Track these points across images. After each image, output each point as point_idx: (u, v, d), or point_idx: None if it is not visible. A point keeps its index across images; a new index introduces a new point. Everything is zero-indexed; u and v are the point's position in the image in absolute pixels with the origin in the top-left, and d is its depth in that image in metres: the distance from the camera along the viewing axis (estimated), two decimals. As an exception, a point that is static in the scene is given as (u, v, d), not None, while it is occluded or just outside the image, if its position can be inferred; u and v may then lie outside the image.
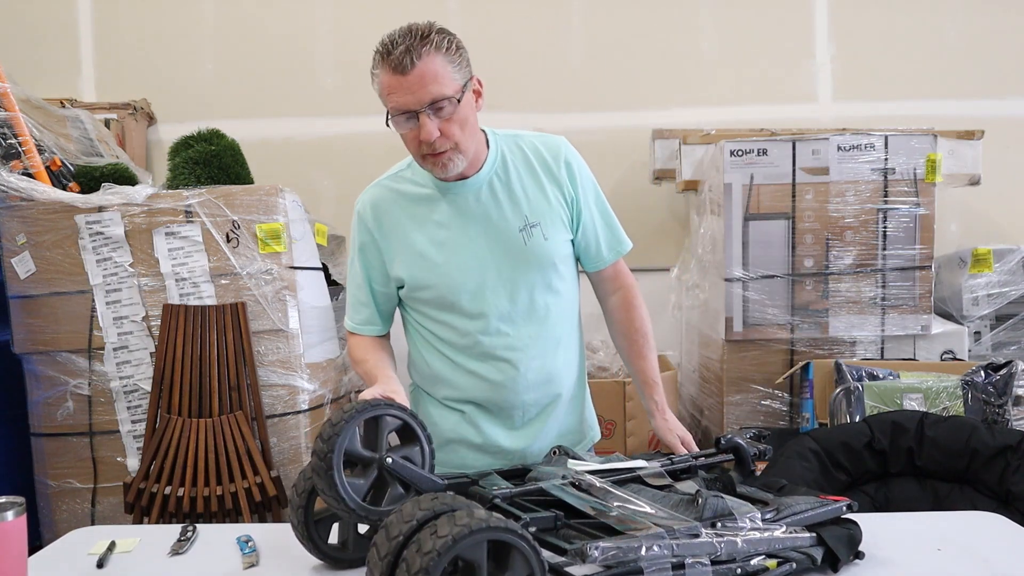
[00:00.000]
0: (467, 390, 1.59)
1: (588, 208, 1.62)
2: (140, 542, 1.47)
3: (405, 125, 1.41)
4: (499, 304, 1.54)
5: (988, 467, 1.98)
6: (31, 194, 2.35)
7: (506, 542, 0.98)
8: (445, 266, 1.52)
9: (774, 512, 1.27)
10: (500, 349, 1.55)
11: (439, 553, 0.92)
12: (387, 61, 1.37)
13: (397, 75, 1.37)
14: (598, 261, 1.67)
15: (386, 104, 1.42)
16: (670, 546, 1.12)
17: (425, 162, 1.46)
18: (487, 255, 1.53)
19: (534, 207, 1.55)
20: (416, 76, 1.36)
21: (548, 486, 1.27)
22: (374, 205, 1.57)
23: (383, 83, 1.40)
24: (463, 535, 0.93)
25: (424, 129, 1.39)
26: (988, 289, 2.86)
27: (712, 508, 1.22)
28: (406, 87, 1.37)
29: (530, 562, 1.00)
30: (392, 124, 1.43)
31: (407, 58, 1.35)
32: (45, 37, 3.59)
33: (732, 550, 1.16)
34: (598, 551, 1.07)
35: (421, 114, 1.38)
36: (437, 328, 1.58)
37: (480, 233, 1.53)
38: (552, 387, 1.60)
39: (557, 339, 1.60)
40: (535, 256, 1.54)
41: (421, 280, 1.54)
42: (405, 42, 1.36)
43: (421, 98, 1.37)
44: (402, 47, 1.35)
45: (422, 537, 0.94)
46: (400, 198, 1.56)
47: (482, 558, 0.96)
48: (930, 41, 3.54)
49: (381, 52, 1.39)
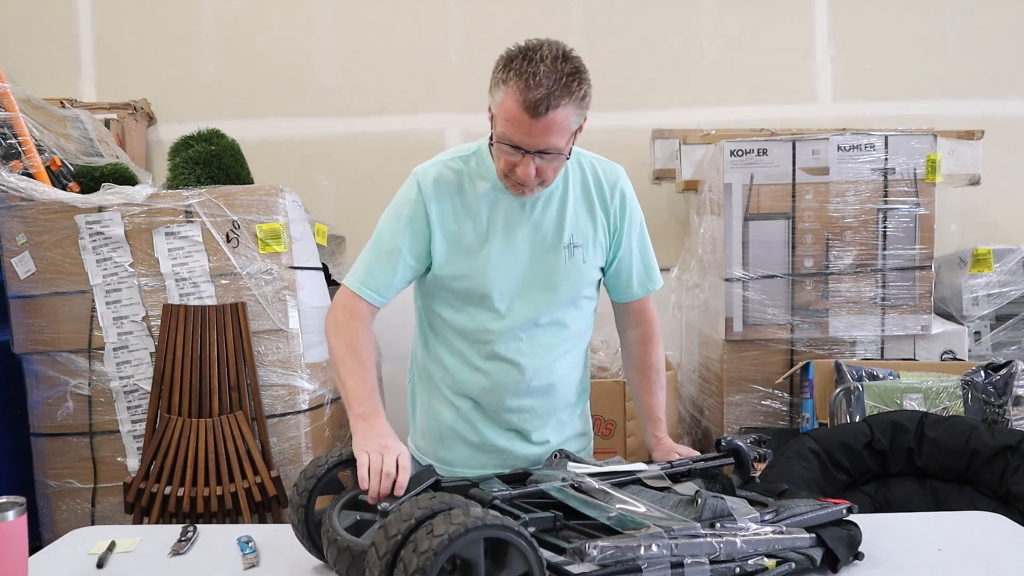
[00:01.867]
0: (470, 386, 1.59)
1: (630, 242, 1.64)
2: (140, 542, 1.47)
3: (508, 152, 1.39)
4: (525, 310, 1.55)
5: (988, 467, 1.98)
6: (31, 194, 2.35)
7: (503, 540, 0.98)
8: (486, 261, 1.52)
9: (773, 514, 1.27)
10: (512, 352, 1.56)
11: (435, 552, 0.92)
12: (524, 96, 1.32)
13: (526, 114, 1.33)
14: (626, 294, 1.69)
15: (497, 122, 1.39)
16: (669, 546, 1.12)
17: (507, 180, 1.45)
18: (527, 261, 1.54)
19: (580, 229, 1.57)
20: (542, 125, 1.34)
21: (548, 487, 1.27)
22: (436, 181, 1.53)
23: (508, 109, 1.35)
24: (459, 533, 0.93)
25: (524, 168, 1.39)
26: (988, 289, 2.86)
27: (711, 509, 1.22)
28: (529, 129, 1.34)
29: (528, 559, 1.00)
30: (495, 143, 1.41)
31: (543, 105, 1.32)
32: (45, 37, 3.59)
33: (731, 550, 1.17)
34: (597, 550, 1.07)
35: (527, 155, 1.38)
36: (457, 319, 1.57)
37: (526, 239, 1.54)
38: (552, 398, 1.62)
39: (566, 352, 1.62)
40: (571, 275, 1.56)
41: (459, 268, 1.53)
42: (547, 86, 1.31)
43: (536, 144, 1.37)
44: (543, 91, 1.31)
45: (419, 536, 0.94)
46: (461, 184, 1.54)
47: (479, 556, 0.96)
48: (930, 41, 3.54)
49: (519, 80, 1.32)
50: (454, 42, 3.58)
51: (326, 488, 1.33)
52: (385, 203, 1.66)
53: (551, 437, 1.64)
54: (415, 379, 1.72)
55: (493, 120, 1.41)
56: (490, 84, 1.39)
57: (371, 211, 4.09)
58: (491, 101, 1.40)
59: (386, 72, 3.59)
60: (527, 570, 1.00)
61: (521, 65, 1.32)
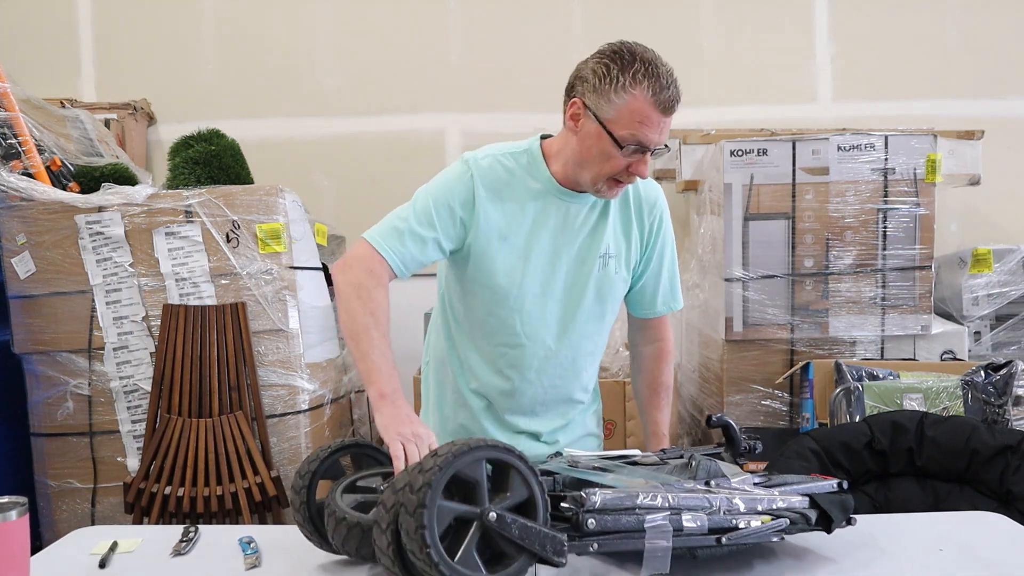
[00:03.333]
0: (489, 387, 1.59)
1: (661, 259, 1.66)
2: (142, 542, 1.47)
3: (630, 152, 1.41)
4: (554, 312, 1.56)
5: (988, 467, 1.98)
6: (31, 194, 2.35)
7: (505, 465, 1.00)
8: (524, 266, 1.52)
9: (765, 478, 1.28)
10: (534, 361, 1.57)
11: (440, 468, 0.94)
12: (657, 96, 1.37)
13: (659, 113, 1.38)
14: (648, 310, 1.70)
15: (621, 125, 1.39)
16: (666, 497, 1.14)
17: (606, 184, 1.46)
18: (563, 267, 1.55)
19: (617, 241, 1.59)
20: (669, 121, 1.41)
21: (546, 464, 1.30)
22: (489, 172, 1.52)
23: (639, 106, 1.38)
24: (462, 451, 0.96)
25: (643, 166, 1.43)
26: (988, 289, 2.86)
27: (705, 469, 1.24)
28: (660, 127, 1.40)
29: (529, 483, 1.01)
30: (614, 141, 1.41)
31: (676, 104, 1.39)
32: (45, 37, 3.59)
33: (727, 506, 1.18)
34: (596, 496, 1.08)
35: (647, 152, 1.42)
36: (485, 319, 1.56)
37: (566, 245, 1.54)
38: (569, 408, 1.64)
39: (585, 359, 1.63)
40: (604, 285, 1.58)
41: (495, 268, 1.52)
42: (674, 86, 1.39)
43: (661, 141, 1.42)
44: (674, 90, 1.38)
45: (423, 461, 0.97)
46: (511, 181, 1.53)
47: (481, 475, 0.98)
48: (930, 41, 3.54)
49: (652, 79, 1.37)
50: (454, 42, 3.58)
51: (327, 473, 1.33)
52: (385, 203, 1.64)
53: (561, 438, 1.65)
54: (430, 372, 1.71)
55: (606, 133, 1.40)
56: (596, 87, 1.40)
57: (371, 211, 4.08)
58: (605, 109, 1.40)
59: (386, 72, 3.59)
60: (529, 494, 1.01)
61: (646, 68, 1.37)
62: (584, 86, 1.42)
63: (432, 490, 0.92)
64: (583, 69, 1.44)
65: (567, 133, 1.49)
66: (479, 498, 0.99)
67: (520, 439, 1.61)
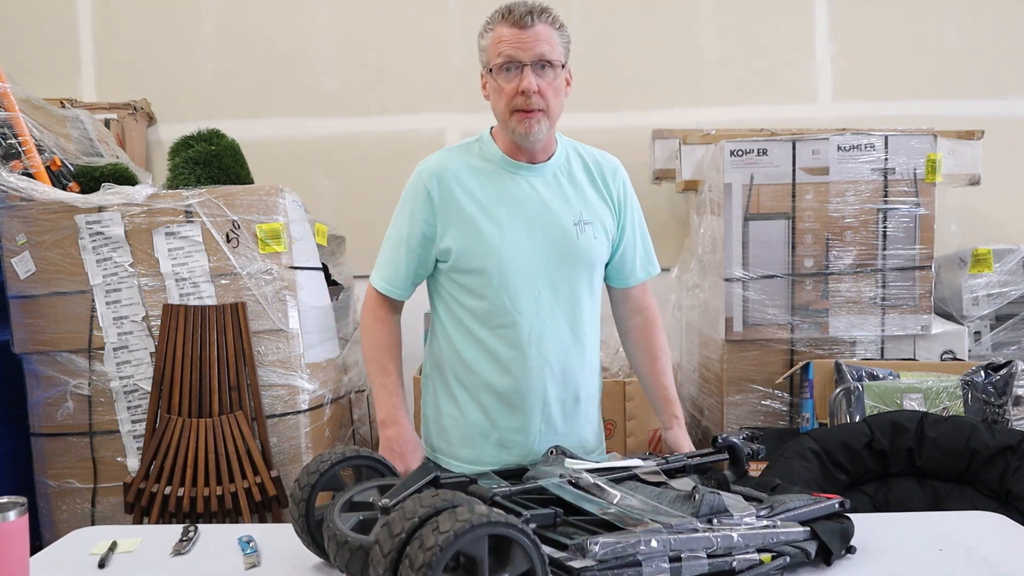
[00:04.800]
0: (494, 378, 1.60)
1: (633, 226, 1.73)
2: (141, 542, 1.48)
3: (507, 76, 1.52)
4: (543, 290, 1.59)
5: (988, 467, 1.98)
6: (31, 194, 2.35)
7: (507, 537, 0.99)
8: (500, 243, 1.57)
9: (768, 509, 1.28)
10: (532, 337, 1.59)
11: (441, 548, 0.92)
12: (508, 17, 1.51)
13: (515, 29, 1.50)
14: (630, 278, 1.76)
15: (491, 58, 1.54)
16: (667, 541, 1.14)
17: (512, 118, 1.54)
18: (542, 240, 1.59)
19: (589, 207, 1.64)
20: (532, 34, 1.50)
21: (547, 484, 1.28)
22: (440, 170, 1.61)
23: (497, 36, 1.52)
24: (465, 530, 0.94)
25: (526, 80, 1.51)
26: (988, 289, 2.86)
27: (709, 504, 1.23)
28: (521, 42, 1.50)
29: (531, 556, 1.00)
30: (494, 75, 1.54)
31: (529, 17, 1.50)
32: (45, 37, 3.59)
33: (727, 544, 1.19)
34: (598, 546, 1.08)
35: (526, 67, 1.51)
36: (475, 305, 1.60)
37: (538, 218, 1.59)
38: (571, 384, 1.64)
39: (583, 337, 1.65)
40: (584, 252, 1.62)
41: (473, 253, 1.57)
42: (528, 6, 1.52)
43: (533, 53, 1.50)
44: (525, 8, 1.51)
45: (424, 533, 0.95)
46: (467, 169, 1.61)
47: (483, 552, 0.97)
48: (930, 41, 3.54)
49: (502, 11, 1.52)
50: (454, 42, 3.58)
51: (327, 485, 1.33)
52: (385, 203, 1.69)
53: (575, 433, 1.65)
54: (432, 380, 1.72)
55: (490, 75, 1.55)
56: (479, 48, 1.57)
57: (371, 211, 4.09)
58: (483, 58, 1.57)
59: (386, 72, 3.59)
60: (530, 567, 1.00)
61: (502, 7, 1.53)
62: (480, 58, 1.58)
63: (432, 570, 0.92)
64: None
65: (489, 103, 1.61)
66: (480, 573, 0.98)
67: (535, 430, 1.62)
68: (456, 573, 0.98)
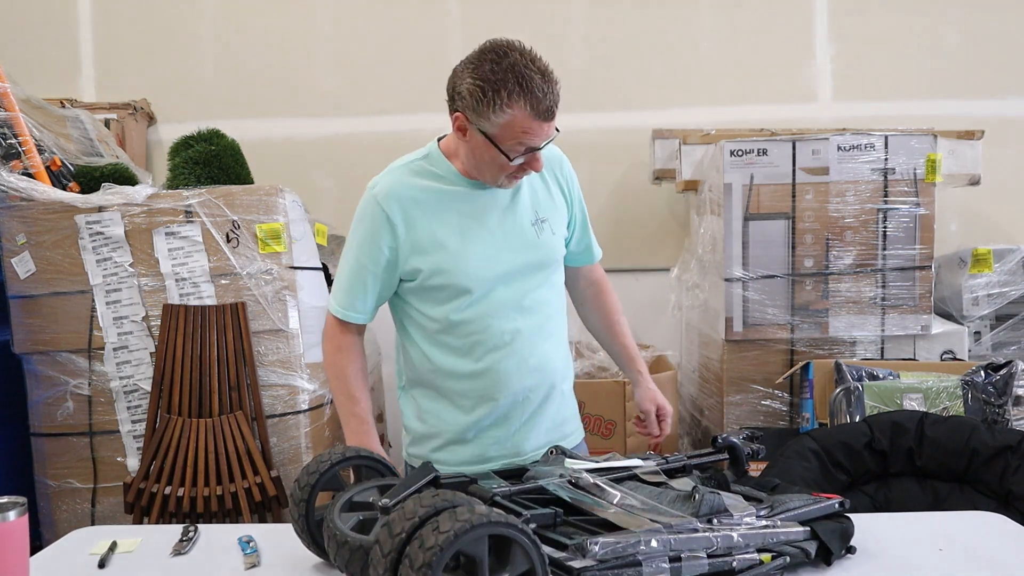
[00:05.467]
0: (468, 382, 1.61)
1: (582, 211, 1.76)
2: (141, 542, 1.47)
3: (521, 156, 1.49)
4: (508, 293, 1.60)
5: (988, 467, 1.98)
6: (31, 194, 2.35)
7: (507, 537, 0.99)
8: (463, 254, 1.56)
9: (768, 509, 1.28)
10: (503, 336, 1.59)
11: (441, 548, 0.93)
12: (534, 109, 1.43)
13: (540, 121, 1.45)
14: (586, 257, 1.80)
15: (505, 139, 1.46)
16: (667, 541, 1.14)
17: (506, 180, 1.55)
18: (503, 244, 1.59)
19: (542, 204, 1.65)
20: (551, 124, 1.49)
21: (547, 484, 1.28)
22: (396, 194, 1.57)
23: (519, 122, 1.44)
24: (465, 530, 0.94)
25: (539, 162, 1.52)
26: (988, 289, 2.86)
27: (709, 504, 1.23)
28: (543, 132, 1.48)
29: (530, 556, 1.00)
30: (497, 147, 1.47)
31: (553, 109, 1.47)
32: (45, 37, 3.59)
33: (727, 544, 1.19)
34: (598, 546, 1.08)
35: (538, 151, 1.50)
36: (445, 316, 1.59)
37: (497, 224, 1.60)
38: (547, 375, 1.65)
39: (551, 331, 1.67)
40: (545, 249, 1.64)
41: (440, 267, 1.56)
42: (550, 93, 1.45)
43: (547, 139, 1.50)
44: (550, 98, 1.45)
45: (424, 533, 0.95)
46: (422, 189, 1.58)
47: (483, 553, 0.97)
48: (930, 41, 3.54)
49: (527, 95, 1.42)
50: (454, 42, 3.58)
51: (327, 485, 1.33)
52: None
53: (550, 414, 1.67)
54: (408, 389, 1.71)
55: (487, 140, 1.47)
56: (474, 108, 1.44)
57: (371, 211, 4.00)
58: (482, 123, 1.45)
59: (386, 72, 3.59)
60: (529, 567, 1.00)
61: (519, 83, 1.41)
62: (463, 103, 1.46)
63: (432, 570, 0.92)
64: (459, 84, 1.46)
65: (459, 139, 1.54)
66: (480, 573, 0.98)
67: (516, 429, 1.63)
68: (456, 573, 0.99)
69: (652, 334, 3.32)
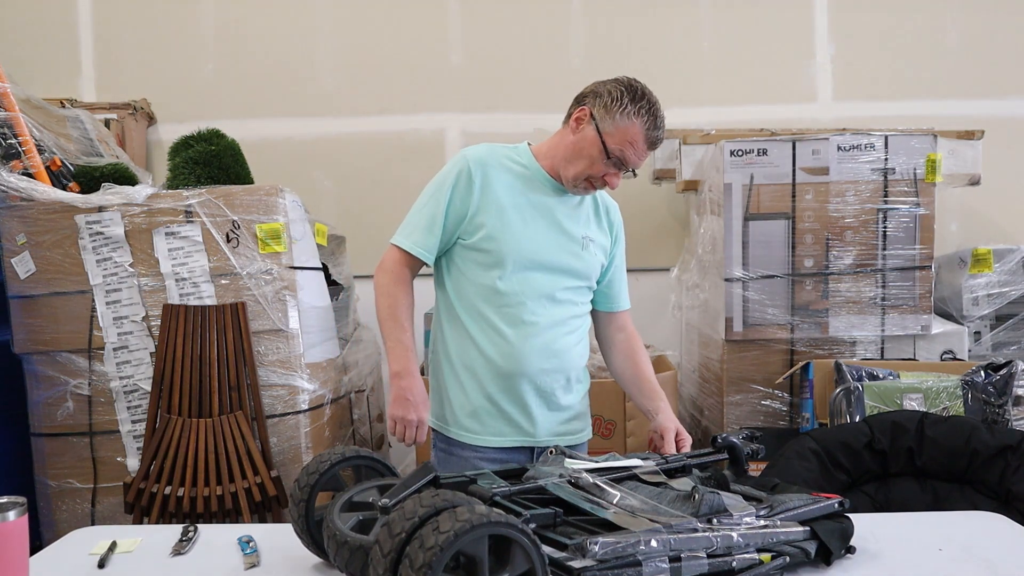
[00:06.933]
0: (494, 355, 1.75)
1: (621, 259, 1.95)
2: (141, 542, 1.48)
3: (612, 164, 1.71)
4: (544, 281, 1.77)
5: (988, 467, 1.98)
6: (31, 194, 2.35)
7: (507, 537, 0.99)
8: (518, 231, 1.75)
9: (768, 509, 1.28)
10: (534, 314, 1.75)
11: (441, 548, 0.93)
12: (650, 132, 1.69)
13: (645, 144, 1.70)
14: (615, 304, 1.96)
15: (614, 142, 1.69)
16: (667, 541, 1.14)
17: (582, 182, 1.75)
18: (553, 241, 1.78)
19: (592, 231, 1.85)
20: (647, 154, 1.74)
21: (547, 484, 1.28)
22: (483, 160, 1.77)
23: (633, 134, 1.68)
24: (465, 530, 0.94)
25: (617, 179, 1.74)
26: (988, 289, 2.86)
27: (708, 504, 1.24)
28: (641, 153, 1.71)
29: (531, 556, 1.00)
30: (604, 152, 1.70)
31: (658, 144, 1.74)
32: (45, 37, 3.59)
33: (727, 544, 1.19)
34: (598, 546, 1.08)
35: (623, 169, 1.73)
36: (486, 281, 1.75)
37: (555, 224, 1.79)
38: (565, 364, 1.80)
39: (574, 328, 1.84)
40: (586, 264, 1.82)
41: (497, 236, 1.73)
42: (662, 133, 1.72)
43: (638, 165, 1.73)
44: (661, 135, 1.72)
45: (424, 533, 0.95)
46: (506, 166, 1.79)
47: (483, 552, 0.97)
48: (930, 41, 3.54)
49: (651, 119, 1.69)
50: (454, 42, 3.58)
51: (327, 485, 1.33)
52: (386, 203, 1.71)
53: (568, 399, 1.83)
54: (440, 360, 1.85)
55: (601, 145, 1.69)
56: (606, 105, 1.68)
57: (371, 211, 4.09)
58: (603, 120, 1.68)
59: (386, 72, 3.59)
60: (529, 567, 1.00)
61: (650, 107, 1.68)
62: (596, 100, 1.71)
63: (432, 570, 0.92)
64: (600, 87, 1.72)
65: (565, 132, 1.77)
66: (479, 573, 0.98)
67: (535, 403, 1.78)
68: (456, 573, 0.99)
69: (652, 334, 3.32)
